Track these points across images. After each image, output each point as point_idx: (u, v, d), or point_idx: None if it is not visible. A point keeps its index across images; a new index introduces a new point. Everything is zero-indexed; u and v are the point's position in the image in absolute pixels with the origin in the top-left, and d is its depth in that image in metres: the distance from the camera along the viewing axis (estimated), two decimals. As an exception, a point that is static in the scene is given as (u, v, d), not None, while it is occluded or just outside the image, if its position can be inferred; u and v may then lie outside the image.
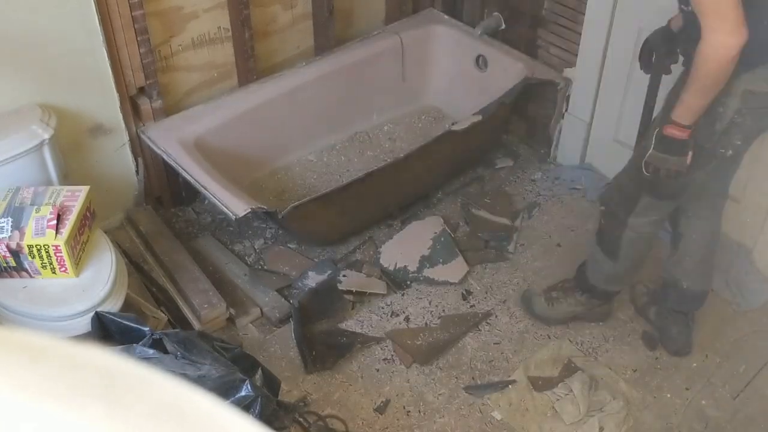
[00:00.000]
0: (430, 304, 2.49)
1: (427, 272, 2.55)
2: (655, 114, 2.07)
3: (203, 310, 2.29)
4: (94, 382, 0.35)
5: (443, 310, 2.47)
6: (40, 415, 0.33)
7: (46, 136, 2.12)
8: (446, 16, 3.20)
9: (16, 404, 0.33)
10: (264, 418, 1.74)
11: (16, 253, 1.94)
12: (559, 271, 2.59)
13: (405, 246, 2.64)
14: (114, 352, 0.37)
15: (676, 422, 2.16)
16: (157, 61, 2.49)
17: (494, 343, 2.37)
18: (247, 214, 2.22)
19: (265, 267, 2.57)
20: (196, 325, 2.28)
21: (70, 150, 2.33)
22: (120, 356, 0.37)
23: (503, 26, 3.01)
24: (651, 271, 2.44)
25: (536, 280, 2.57)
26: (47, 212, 1.96)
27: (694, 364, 2.32)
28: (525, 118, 3.10)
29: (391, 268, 2.56)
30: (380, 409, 2.18)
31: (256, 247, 2.64)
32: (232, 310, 2.36)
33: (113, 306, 1.99)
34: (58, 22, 2.16)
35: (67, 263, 1.96)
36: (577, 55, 2.77)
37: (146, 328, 1.83)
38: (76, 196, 2.05)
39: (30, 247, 1.93)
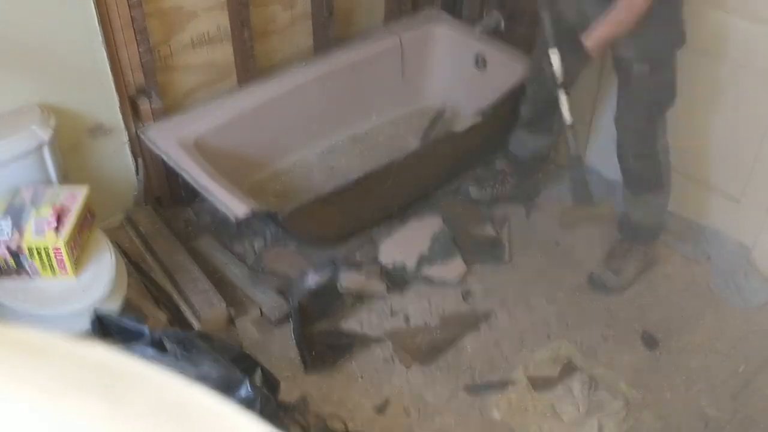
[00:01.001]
0: (429, 303, 2.49)
1: (426, 271, 2.55)
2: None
3: (203, 310, 2.29)
4: (96, 380, 0.35)
5: (443, 310, 2.47)
6: (41, 413, 0.33)
7: (46, 136, 2.11)
8: (446, 16, 3.20)
9: (16, 402, 0.33)
10: (264, 418, 1.74)
11: (15, 254, 1.94)
12: (560, 271, 2.60)
13: (404, 245, 2.63)
14: (115, 350, 0.37)
15: (676, 422, 2.16)
16: (156, 60, 2.49)
17: (494, 343, 2.37)
18: (248, 215, 2.21)
19: (265, 267, 2.57)
20: (196, 325, 2.28)
21: (70, 150, 2.33)
22: (121, 354, 0.37)
23: (503, 25, 3.01)
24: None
25: (536, 280, 2.57)
26: (47, 213, 1.96)
27: (694, 364, 2.32)
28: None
29: (390, 266, 2.56)
30: (380, 409, 2.18)
31: (255, 248, 2.64)
32: (231, 310, 2.36)
33: (113, 306, 1.99)
34: (57, 22, 2.15)
35: (67, 264, 1.96)
36: (576, 55, 2.77)
37: (146, 328, 1.83)
38: (75, 197, 2.05)
39: (30, 247, 1.93)
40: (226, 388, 1.72)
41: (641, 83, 2.24)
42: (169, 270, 2.41)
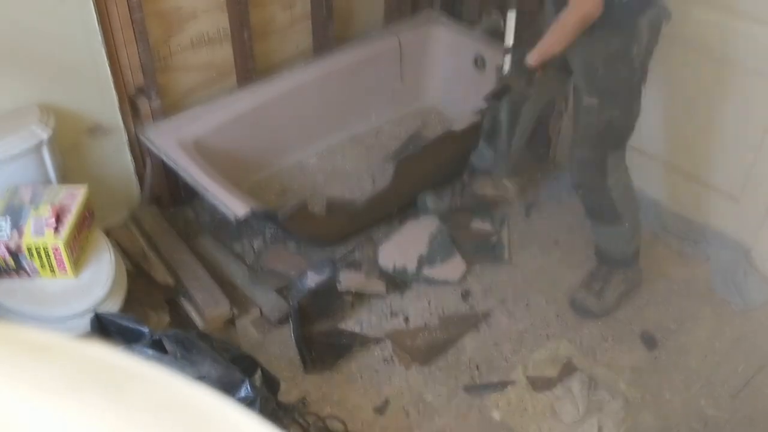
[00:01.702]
0: (429, 304, 2.49)
1: (426, 272, 2.55)
2: None
3: (207, 309, 2.29)
4: (98, 379, 0.35)
5: (442, 310, 2.47)
6: (43, 412, 0.33)
7: (45, 136, 2.11)
8: (445, 17, 3.20)
9: (18, 400, 0.33)
10: (263, 418, 1.74)
11: (15, 254, 1.94)
12: (559, 271, 2.60)
13: (403, 246, 2.63)
14: (116, 350, 0.37)
15: (675, 422, 2.16)
16: (155, 61, 2.49)
17: (493, 343, 2.37)
18: (247, 215, 2.22)
19: (265, 267, 2.57)
20: (200, 324, 2.28)
21: (69, 150, 2.33)
22: (123, 353, 0.37)
23: (502, 26, 3.01)
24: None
25: (536, 280, 2.57)
26: (46, 212, 1.96)
27: (693, 364, 2.32)
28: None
29: (390, 268, 2.56)
30: (379, 410, 2.18)
31: (255, 247, 2.64)
32: (235, 309, 2.36)
33: (112, 306, 1.99)
34: (57, 22, 2.15)
35: (66, 263, 1.96)
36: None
37: (145, 329, 1.83)
38: (74, 196, 2.05)
39: (29, 247, 1.93)
40: (226, 388, 1.72)
41: (589, 117, 2.16)
42: (174, 269, 2.41)
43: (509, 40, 2.27)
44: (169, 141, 2.47)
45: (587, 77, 2.12)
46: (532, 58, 2.12)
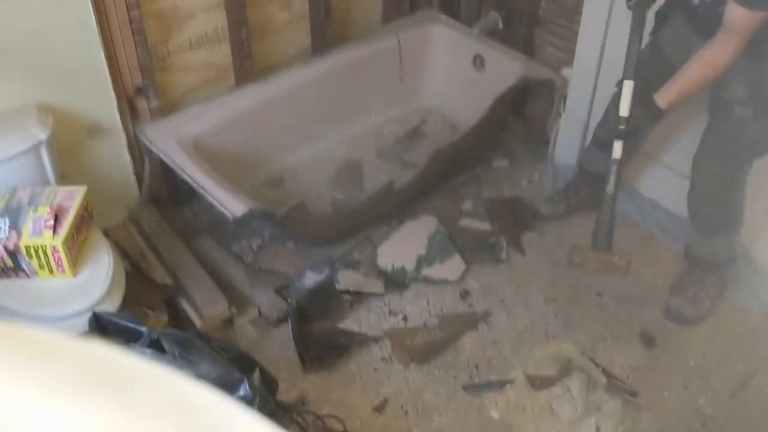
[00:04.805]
0: (428, 303, 2.49)
1: (426, 271, 2.55)
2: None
3: (206, 308, 2.29)
4: (103, 378, 0.35)
5: (441, 310, 2.47)
6: (47, 411, 0.33)
7: (44, 136, 2.11)
8: (444, 16, 3.20)
9: (21, 400, 0.33)
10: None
11: (13, 254, 1.94)
12: (558, 270, 2.60)
13: (402, 246, 2.63)
14: (119, 349, 0.37)
15: (674, 421, 2.17)
16: (154, 61, 2.48)
17: (492, 343, 2.37)
18: (245, 214, 2.22)
19: (263, 267, 2.57)
20: (198, 323, 2.28)
21: (68, 150, 2.33)
22: (125, 353, 0.37)
23: (501, 26, 3.02)
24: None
25: (535, 279, 2.57)
26: (44, 213, 1.96)
27: (692, 363, 2.32)
28: (522, 117, 3.10)
29: (389, 268, 2.56)
30: (378, 409, 2.18)
31: (253, 247, 2.64)
32: (233, 309, 2.36)
33: (111, 306, 1.99)
34: (55, 22, 2.15)
35: (65, 263, 1.96)
36: (574, 54, 2.77)
37: (144, 328, 1.83)
38: (73, 197, 2.04)
39: (27, 247, 1.93)
40: (225, 388, 1.72)
41: (740, 128, 2.02)
42: (172, 269, 2.41)
43: (624, 110, 2.16)
44: (167, 141, 2.47)
45: (749, 86, 1.95)
46: (665, 98, 1.99)
